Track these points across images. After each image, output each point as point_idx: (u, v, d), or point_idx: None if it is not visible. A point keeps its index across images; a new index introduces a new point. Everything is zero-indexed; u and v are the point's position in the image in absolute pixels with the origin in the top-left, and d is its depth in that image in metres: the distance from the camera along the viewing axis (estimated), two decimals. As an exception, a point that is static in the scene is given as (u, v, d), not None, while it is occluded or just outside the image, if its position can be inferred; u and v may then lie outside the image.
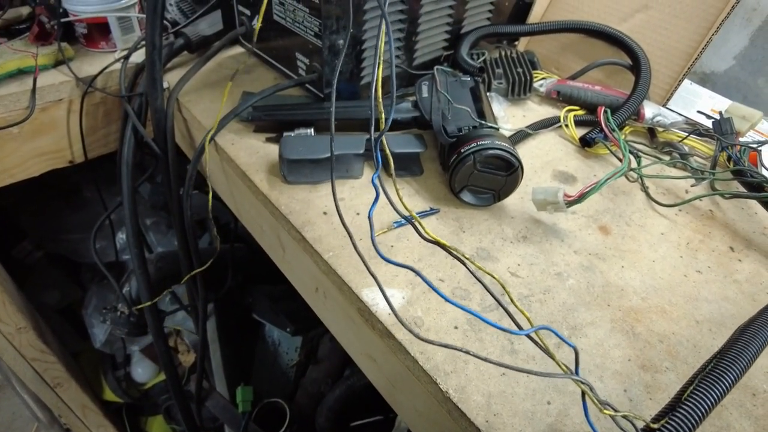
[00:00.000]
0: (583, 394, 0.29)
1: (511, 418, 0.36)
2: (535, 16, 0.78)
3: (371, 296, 0.43)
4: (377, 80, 0.33)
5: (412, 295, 0.44)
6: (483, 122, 0.52)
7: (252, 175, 0.55)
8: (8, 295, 0.84)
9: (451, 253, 0.32)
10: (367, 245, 0.48)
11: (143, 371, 1.18)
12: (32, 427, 1.60)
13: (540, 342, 0.31)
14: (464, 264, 0.33)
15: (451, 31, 0.69)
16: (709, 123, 0.66)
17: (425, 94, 0.57)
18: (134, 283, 0.80)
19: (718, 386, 0.34)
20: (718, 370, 0.35)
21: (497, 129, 0.53)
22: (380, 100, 0.35)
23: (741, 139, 0.62)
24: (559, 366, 0.29)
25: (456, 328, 0.41)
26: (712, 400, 0.33)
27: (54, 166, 0.72)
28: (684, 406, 0.32)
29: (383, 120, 0.35)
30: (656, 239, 0.52)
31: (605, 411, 0.30)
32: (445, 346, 0.31)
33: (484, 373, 0.38)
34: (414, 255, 0.47)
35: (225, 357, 0.83)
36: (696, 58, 0.65)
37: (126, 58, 0.70)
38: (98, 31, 0.72)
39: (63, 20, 0.70)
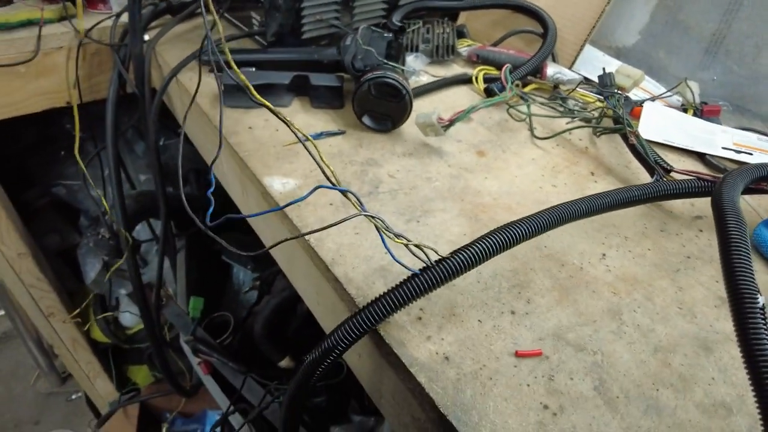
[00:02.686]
0: (378, 228, 0.39)
1: (353, 259, 0.46)
2: (473, -5, 0.89)
3: (269, 181, 0.54)
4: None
5: (304, 184, 0.55)
6: (386, 62, 0.63)
7: (199, 100, 0.67)
8: (12, 222, 0.98)
9: (275, 113, 0.42)
10: (278, 150, 0.59)
11: (130, 316, 1.31)
12: (33, 375, 1.74)
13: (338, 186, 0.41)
14: (300, 142, 0.44)
15: (388, 1, 0.81)
16: (606, 84, 0.75)
17: (348, 42, 0.68)
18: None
19: (505, 234, 0.43)
20: (507, 228, 0.44)
21: (400, 69, 0.64)
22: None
23: (627, 95, 0.71)
24: (354, 206, 0.39)
25: (331, 204, 0.52)
26: (499, 243, 0.42)
27: (53, 104, 0.86)
28: (471, 247, 0.42)
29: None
30: (525, 162, 0.62)
31: (398, 240, 0.40)
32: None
33: (342, 232, 0.49)
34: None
35: (189, 285, 0.94)
36: (593, 27, 0.75)
37: (117, 15, 0.83)
38: (97, -6, 0.86)
39: (69, -16, 0.84)
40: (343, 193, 0.41)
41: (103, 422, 1.28)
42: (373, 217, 0.40)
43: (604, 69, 0.71)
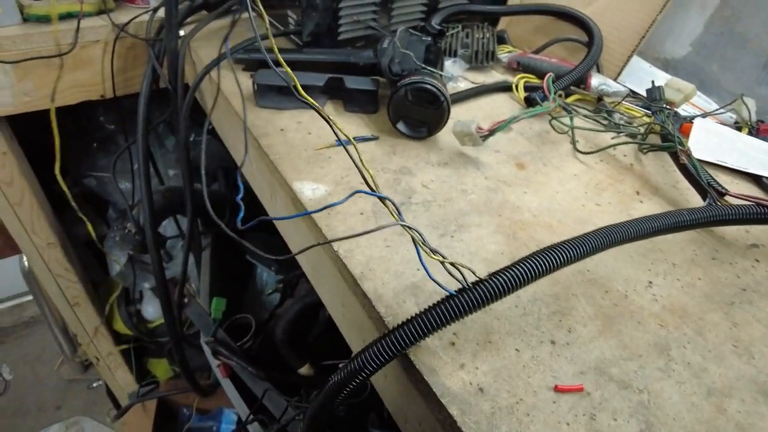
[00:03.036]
0: (414, 240, 0.37)
1: (383, 273, 0.44)
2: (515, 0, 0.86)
3: (299, 186, 0.52)
4: None
5: (335, 190, 0.53)
6: (424, 67, 0.61)
7: (231, 99, 0.65)
8: (43, 212, 0.99)
9: (323, 117, 0.40)
10: (309, 154, 0.57)
11: (153, 310, 1.31)
12: (58, 360, 1.78)
13: (378, 193, 0.38)
14: (337, 136, 0.42)
15: (428, 4, 0.78)
16: (654, 98, 0.71)
17: (385, 45, 0.66)
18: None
19: (549, 257, 0.40)
20: (550, 251, 0.41)
21: (438, 74, 0.61)
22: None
23: (677, 110, 0.67)
24: (391, 215, 0.37)
25: (362, 214, 0.50)
26: (543, 266, 0.39)
27: (88, 97, 0.86)
28: (510, 270, 0.39)
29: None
30: (567, 177, 0.58)
31: (434, 257, 0.37)
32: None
33: (372, 244, 0.46)
34: (346, 165, 0.56)
35: (213, 285, 0.93)
36: (643, 37, 0.71)
37: (154, 10, 0.83)
38: (136, -11, 0.86)
39: (108, -22, 0.84)
40: (382, 200, 0.39)
41: (121, 415, 1.29)
42: (410, 228, 0.38)
43: (653, 82, 0.67)
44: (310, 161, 0.56)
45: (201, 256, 0.96)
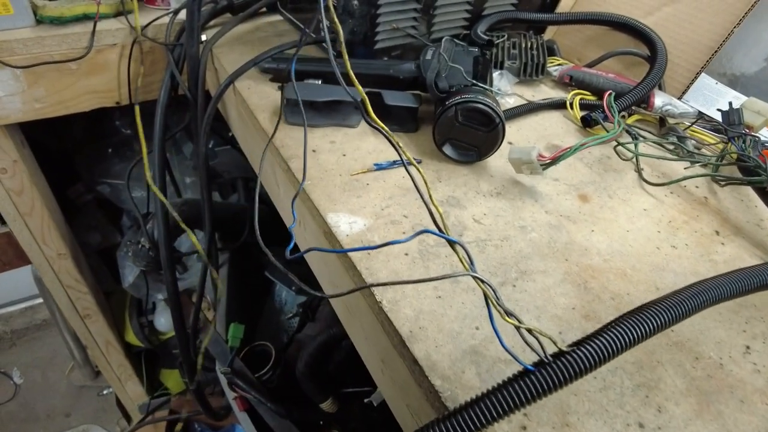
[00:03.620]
0: (486, 297, 0.30)
1: (436, 333, 0.37)
2: (564, 7, 0.79)
3: (335, 219, 0.46)
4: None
5: (374, 224, 0.46)
6: (475, 82, 0.54)
7: (258, 114, 0.59)
8: (54, 222, 0.94)
9: (393, 144, 0.34)
10: (345, 180, 0.51)
11: (165, 321, 1.26)
12: (68, 366, 1.74)
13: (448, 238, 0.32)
14: (407, 169, 0.36)
15: (471, 11, 0.71)
16: (725, 120, 0.64)
17: (429, 57, 0.59)
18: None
19: (641, 326, 0.33)
20: (640, 315, 0.35)
21: (489, 91, 0.55)
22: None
23: (756, 134, 0.60)
24: (462, 263, 0.30)
25: (406, 254, 0.43)
26: (631, 337, 0.33)
27: (103, 104, 0.81)
28: (596, 340, 0.32)
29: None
30: (637, 213, 0.51)
31: (508, 319, 0.31)
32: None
33: (421, 293, 0.40)
34: (386, 193, 0.50)
35: (230, 306, 0.88)
36: (715, 52, 0.64)
37: (175, 12, 0.78)
38: (156, -11, 0.81)
39: (128, -23, 0.79)
40: (452, 244, 0.32)
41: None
42: (482, 282, 0.31)
43: (730, 104, 0.60)
44: (346, 189, 0.50)
45: (218, 273, 0.90)
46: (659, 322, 0.34)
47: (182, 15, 0.78)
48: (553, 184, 0.54)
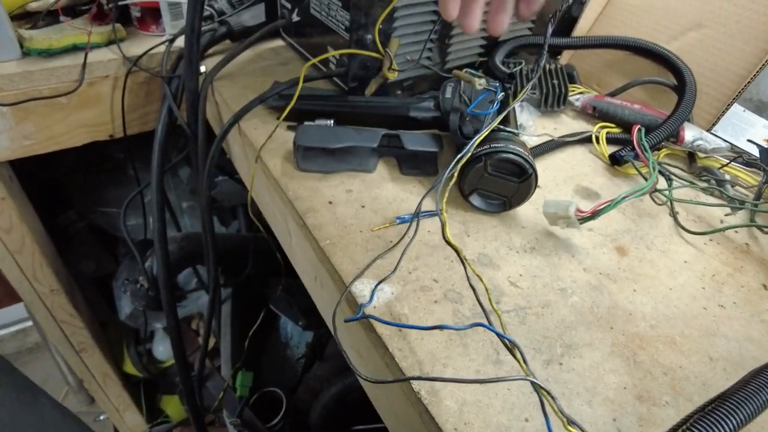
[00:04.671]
0: (542, 402, 0.27)
1: (484, 429, 0.34)
2: (582, 29, 0.76)
3: (359, 287, 0.42)
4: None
5: (402, 292, 0.42)
6: (502, 127, 0.51)
7: (267, 160, 0.55)
8: (46, 257, 0.89)
9: (461, 259, 0.30)
10: (366, 237, 0.47)
11: (164, 349, 1.22)
12: (63, 390, 1.68)
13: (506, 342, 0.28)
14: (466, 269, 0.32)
15: (488, 37, 0.68)
16: (758, 153, 0.61)
17: (448, 95, 0.56)
18: (157, 258, 0.83)
19: (715, 429, 0.30)
20: (720, 412, 0.31)
21: (517, 135, 0.51)
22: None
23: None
24: (521, 367, 0.27)
25: (441, 330, 0.40)
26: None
27: (96, 138, 0.76)
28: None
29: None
30: (678, 267, 0.48)
31: (570, 428, 0.28)
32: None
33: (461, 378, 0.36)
34: (412, 253, 0.46)
35: (234, 342, 0.84)
36: (749, 82, 0.61)
37: (171, 41, 0.73)
38: (150, 15, 0.76)
39: (119, 3, 0.74)
40: (509, 345, 0.29)
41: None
42: (541, 388, 0.28)
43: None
44: (369, 248, 0.46)
45: (220, 310, 0.86)
46: (733, 425, 0.31)
47: (179, 42, 0.74)
48: (588, 235, 0.50)
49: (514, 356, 0.28)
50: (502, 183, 0.48)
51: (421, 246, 0.47)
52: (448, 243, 0.35)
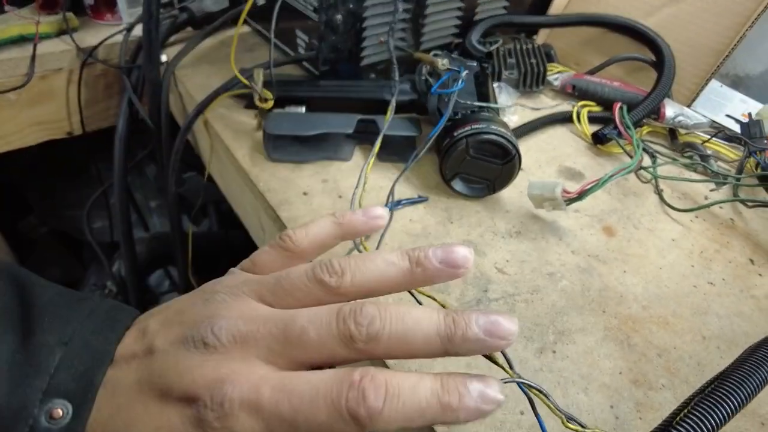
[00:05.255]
0: (532, 402, 0.25)
1: (478, 425, 0.32)
2: (557, 7, 0.74)
3: (340, 282, 0.40)
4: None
5: (386, 285, 0.40)
6: (482, 105, 0.48)
7: (235, 151, 0.52)
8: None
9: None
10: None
11: None
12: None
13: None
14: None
15: (462, 17, 0.65)
16: (737, 128, 0.60)
17: (425, 76, 0.53)
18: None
19: (717, 411, 0.29)
20: (719, 393, 0.30)
21: (497, 115, 0.49)
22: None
23: (772, 145, 0.56)
24: (503, 369, 0.25)
25: (428, 322, 0.38)
26: (709, 428, 0.28)
27: (52, 136, 0.72)
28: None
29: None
30: (666, 245, 0.47)
31: (569, 425, 0.26)
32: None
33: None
34: (394, 243, 0.44)
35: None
36: (726, 56, 0.60)
37: (128, 30, 0.69)
38: (105, 2, 0.71)
39: (70, -11, 0.69)
40: (527, 389, 0.26)
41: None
42: (531, 387, 0.26)
43: (750, 115, 0.56)
44: (350, 242, 0.43)
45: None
46: (733, 405, 0.29)
47: (137, 31, 0.69)
48: (574, 217, 0.49)
49: (496, 362, 0.25)
50: (485, 166, 0.46)
51: (403, 235, 0.44)
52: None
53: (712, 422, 0.28)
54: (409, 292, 0.30)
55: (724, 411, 0.29)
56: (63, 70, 0.67)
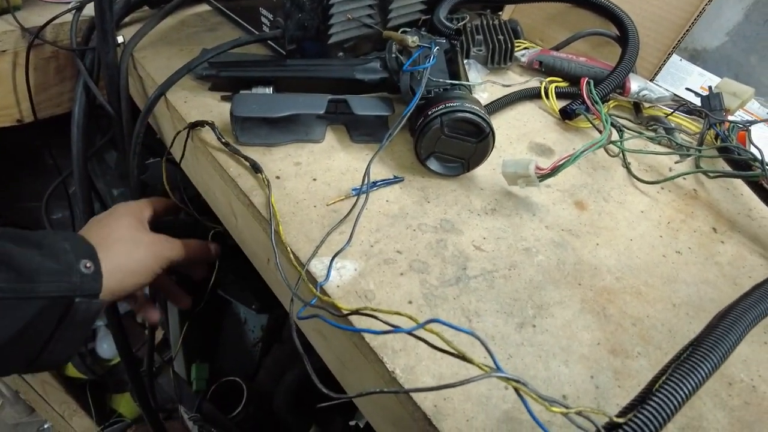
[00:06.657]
0: (518, 391, 0.25)
1: (463, 403, 0.32)
2: (522, -17, 0.74)
3: (319, 267, 0.39)
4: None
5: (365, 267, 0.40)
6: (455, 83, 0.48)
7: (202, 135, 0.50)
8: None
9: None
10: (321, 212, 0.44)
11: (108, 347, 1.14)
12: (-3, 403, 1.56)
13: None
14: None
15: (430, -8, 0.64)
16: (697, 101, 0.62)
17: (395, 54, 0.52)
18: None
19: (692, 377, 0.30)
20: (693, 360, 0.31)
21: (470, 92, 0.49)
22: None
23: (730, 118, 0.58)
24: (479, 367, 0.25)
25: (410, 302, 0.38)
26: (686, 393, 0.29)
27: (0, 123, 0.67)
28: (654, 399, 0.29)
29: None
30: (635, 217, 0.48)
31: (553, 408, 0.26)
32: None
33: (437, 352, 0.35)
34: (372, 225, 0.43)
35: (185, 332, 0.79)
36: (687, 31, 0.61)
37: (78, 9, 0.64)
38: (50, -21, 0.67)
39: (10, -35, 0.64)
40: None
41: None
42: (509, 380, 0.26)
43: (710, 88, 0.58)
44: (325, 223, 0.43)
45: (165, 299, 0.80)
46: (707, 370, 0.31)
47: (89, 10, 0.65)
48: (546, 192, 0.49)
49: (471, 361, 0.26)
50: (459, 144, 0.46)
51: (380, 217, 0.44)
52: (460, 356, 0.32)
53: (689, 386, 0.29)
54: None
55: (699, 375, 0.30)
56: (7, 53, 0.63)
